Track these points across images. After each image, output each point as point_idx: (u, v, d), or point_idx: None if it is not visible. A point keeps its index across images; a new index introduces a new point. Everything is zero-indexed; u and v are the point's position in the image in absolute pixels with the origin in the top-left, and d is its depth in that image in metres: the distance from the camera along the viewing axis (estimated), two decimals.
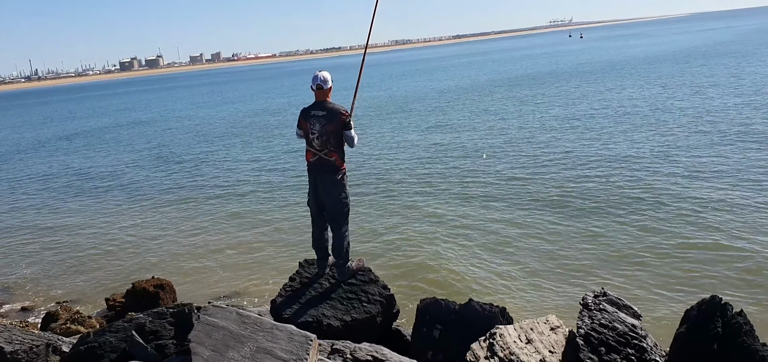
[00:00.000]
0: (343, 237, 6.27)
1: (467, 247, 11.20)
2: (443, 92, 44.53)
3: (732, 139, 17.39)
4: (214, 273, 11.24)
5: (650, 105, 25.98)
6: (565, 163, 16.86)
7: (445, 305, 5.80)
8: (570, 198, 13.54)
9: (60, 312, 9.28)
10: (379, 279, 6.33)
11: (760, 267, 9.10)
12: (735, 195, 12.42)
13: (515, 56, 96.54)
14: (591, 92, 33.68)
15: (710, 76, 34.55)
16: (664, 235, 10.73)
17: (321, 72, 6.15)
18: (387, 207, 14.47)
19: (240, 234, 13.40)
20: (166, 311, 5.69)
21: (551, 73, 51.29)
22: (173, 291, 9.59)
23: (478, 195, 14.62)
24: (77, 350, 5.54)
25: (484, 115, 29.16)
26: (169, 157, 25.47)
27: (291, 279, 6.44)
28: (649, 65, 47.93)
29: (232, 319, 4.66)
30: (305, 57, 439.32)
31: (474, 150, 20.24)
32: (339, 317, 5.83)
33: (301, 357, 4.41)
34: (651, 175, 14.68)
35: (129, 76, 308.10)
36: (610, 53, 73.44)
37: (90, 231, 14.78)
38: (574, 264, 9.97)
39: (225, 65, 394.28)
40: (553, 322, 5.59)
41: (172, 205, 16.76)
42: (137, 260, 12.38)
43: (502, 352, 4.92)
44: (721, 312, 5.30)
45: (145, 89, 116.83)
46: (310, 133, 6.09)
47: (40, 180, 22.81)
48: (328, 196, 6.19)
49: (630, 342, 5.18)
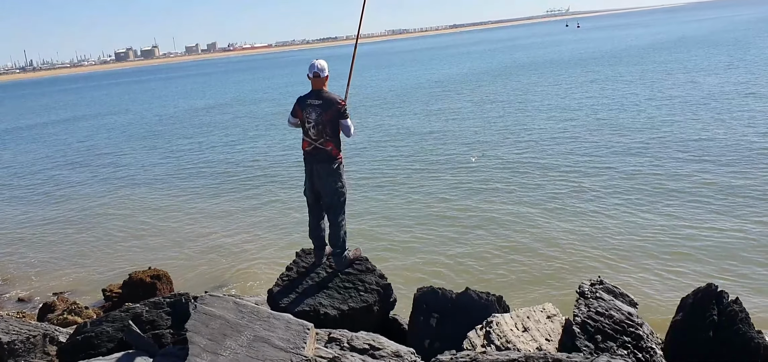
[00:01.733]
0: (340, 227, 6.26)
1: (464, 236, 11.21)
2: (440, 81, 44.47)
3: (727, 127, 17.42)
4: (210, 263, 11.24)
5: (643, 94, 25.99)
6: (560, 153, 16.88)
7: (441, 294, 5.81)
8: (566, 187, 13.55)
9: (57, 302, 9.29)
10: (376, 268, 6.33)
11: (757, 254, 9.14)
12: (732, 183, 12.45)
13: (510, 46, 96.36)
14: (585, 82, 33.69)
15: (705, 65, 34.57)
16: (661, 223, 10.76)
17: (318, 60, 6.13)
18: (384, 196, 14.47)
19: (237, 224, 13.39)
20: (163, 301, 5.69)
21: (549, 62, 51.25)
22: (170, 281, 9.59)
23: (474, 184, 14.62)
24: (74, 340, 5.53)
25: (481, 105, 29.13)
26: (164, 148, 25.41)
27: (288, 269, 6.43)
28: (644, 54, 47.91)
29: (229, 308, 4.66)
30: (301, 47, 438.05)
31: (471, 140, 20.23)
32: (336, 306, 5.83)
33: (299, 345, 4.41)
34: (646, 164, 14.69)
35: (124, 67, 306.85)
36: (606, 43, 73.35)
37: (87, 223, 14.76)
38: (570, 252, 10.00)
39: (221, 55, 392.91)
40: (549, 310, 5.61)
41: (169, 196, 16.73)
42: (134, 251, 12.37)
43: (498, 340, 4.93)
44: (717, 299, 5.33)
45: (142, 79, 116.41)
46: (306, 121, 6.07)
47: (35, 171, 22.74)
48: (324, 186, 6.18)
49: (626, 330, 5.20)
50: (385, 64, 78.74)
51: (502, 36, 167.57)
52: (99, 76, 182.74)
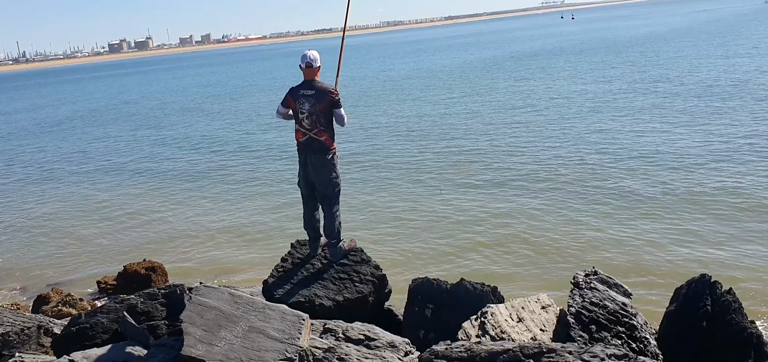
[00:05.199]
0: (335, 218, 6.27)
1: (459, 228, 11.22)
2: (436, 72, 44.40)
3: (723, 119, 17.48)
4: (205, 255, 11.22)
5: (637, 85, 26.04)
6: (554, 145, 16.90)
7: (436, 284, 5.82)
8: (560, 178, 13.57)
9: (51, 294, 9.25)
10: (371, 259, 6.34)
11: (751, 244, 9.18)
12: (726, 173, 12.50)
13: (507, 38, 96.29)
14: (580, 71, 33.71)
15: (697, 55, 34.64)
16: (655, 214, 10.80)
17: (310, 51, 6.14)
18: (378, 186, 14.47)
19: (231, 216, 13.37)
20: (158, 292, 5.68)
21: (543, 52, 51.25)
22: (165, 273, 9.58)
23: (469, 176, 14.63)
24: (69, 331, 5.53)
25: (476, 97, 29.13)
26: (159, 140, 25.31)
27: (283, 260, 6.43)
28: (637, 45, 47.96)
29: (224, 299, 4.66)
30: (296, 38, 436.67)
31: (466, 132, 20.24)
32: (331, 297, 5.84)
33: (294, 336, 4.41)
34: (641, 155, 14.73)
35: (118, 58, 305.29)
36: (600, 34, 73.38)
37: (80, 215, 14.70)
38: (564, 243, 10.02)
39: (215, 47, 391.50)
40: (544, 301, 5.63)
41: (162, 188, 16.68)
42: (128, 243, 12.33)
43: (493, 331, 4.95)
44: (710, 290, 5.36)
45: (138, 71, 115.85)
46: (299, 112, 6.06)
47: (29, 163, 22.63)
48: (318, 176, 6.18)
49: (620, 320, 5.22)
50: (380, 56, 78.49)
51: (499, 27, 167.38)
52: (93, 67, 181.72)
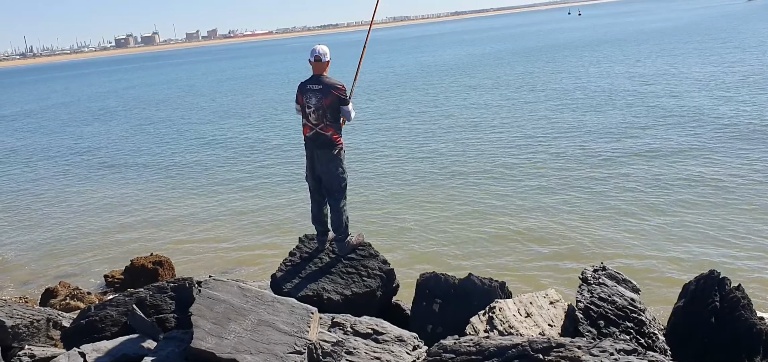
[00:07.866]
0: (342, 212, 6.27)
1: (466, 223, 11.21)
2: (443, 68, 44.34)
3: (729, 113, 17.38)
4: (212, 249, 11.25)
5: (645, 80, 25.92)
6: (563, 141, 16.84)
7: (444, 279, 5.82)
8: (569, 174, 13.53)
9: (59, 288, 9.29)
10: (379, 254, 6.34)
11: (759, 241, 9.13)
12: (735, 170, 12.43)
13: (515, 34, 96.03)
14: (584, 67, 33.58)
15: (699, 51, 34.45)
16: (664, 210, 10.76)
17: (319, 45, 6.14)
18: (386, 181, 14.46)
19: (239, 210, 13.40)
20: (167, 285, 5.71)
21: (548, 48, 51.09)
22: (172, 267, 9.61)
23: (476, 172, 14.60)
24: (78, 324, 5.56)
25: (484, 91, 29.06)
26: (167, 135, 25.39)
27: (291, 254, 6.44)
28: (643, 41, 47.72)
29: (233, 292, 4.68)
30: (302, 34, 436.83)
31: (475, 126, 20.20)
32: (339, 291, 5.85)
33: (302, 329, 4.43)
34: (650, 150, 14.67)
35: (125, 53, 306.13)
36: (605, 30, 73.07)
37: (88, 210, 14.76)
38: (573, 238, 10.00)
39: (221, 42, 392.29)
40: (552, 296, 5.62)
41: (170, 183, 16.73)
42: (136, 237, 12.37)
43: (501, 326, 4.95)
44: (719, 286, 5.33)
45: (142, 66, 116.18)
46: (306, 107, 6.06)
47: (38, 158, 22.74)
48: (325, 171, 6.18)
49: (629, 316, 5.21)
50: (388, 51, 78.44)
51: (507, 23, 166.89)
52: (100, 62, 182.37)
